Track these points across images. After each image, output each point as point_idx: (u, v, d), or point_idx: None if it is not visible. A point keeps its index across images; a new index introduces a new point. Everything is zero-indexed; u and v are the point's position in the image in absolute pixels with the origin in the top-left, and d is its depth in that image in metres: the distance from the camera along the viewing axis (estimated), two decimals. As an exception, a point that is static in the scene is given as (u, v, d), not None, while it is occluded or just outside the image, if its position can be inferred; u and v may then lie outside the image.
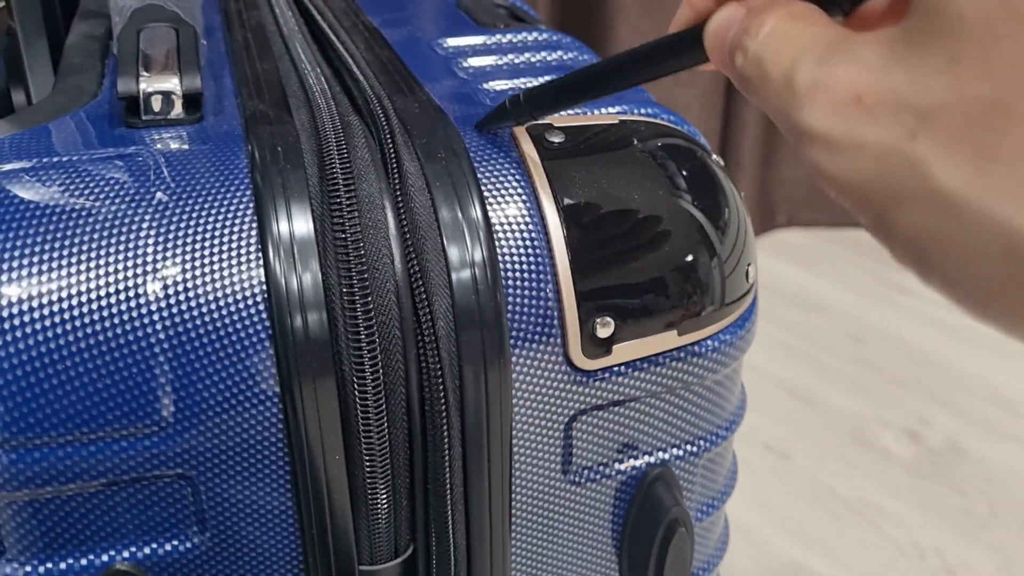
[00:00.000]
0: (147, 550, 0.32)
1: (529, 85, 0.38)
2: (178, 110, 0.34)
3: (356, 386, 0.30)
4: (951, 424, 1.10)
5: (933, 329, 1.28)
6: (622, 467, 0.36)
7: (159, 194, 0.31)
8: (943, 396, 1.14)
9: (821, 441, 1.07)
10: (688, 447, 0.37)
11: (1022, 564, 0.91)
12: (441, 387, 0.31)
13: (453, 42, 0.43)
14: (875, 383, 1.17)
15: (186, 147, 0.33)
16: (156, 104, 0.34)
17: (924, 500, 0.98)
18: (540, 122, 0.35)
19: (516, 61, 0.41)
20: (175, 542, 0.32)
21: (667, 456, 0.37)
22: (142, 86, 0.34)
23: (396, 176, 0.32)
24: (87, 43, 0.44)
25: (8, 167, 0.31)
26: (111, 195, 0.31)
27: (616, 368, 0.33)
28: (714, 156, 0.37)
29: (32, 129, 0.34)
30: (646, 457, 0.36)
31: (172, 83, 0.34)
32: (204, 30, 0.45)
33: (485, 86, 0.38)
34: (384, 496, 0.32)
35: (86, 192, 0.31)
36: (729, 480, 0.41)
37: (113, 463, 0.30)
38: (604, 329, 0.33)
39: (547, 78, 0.39)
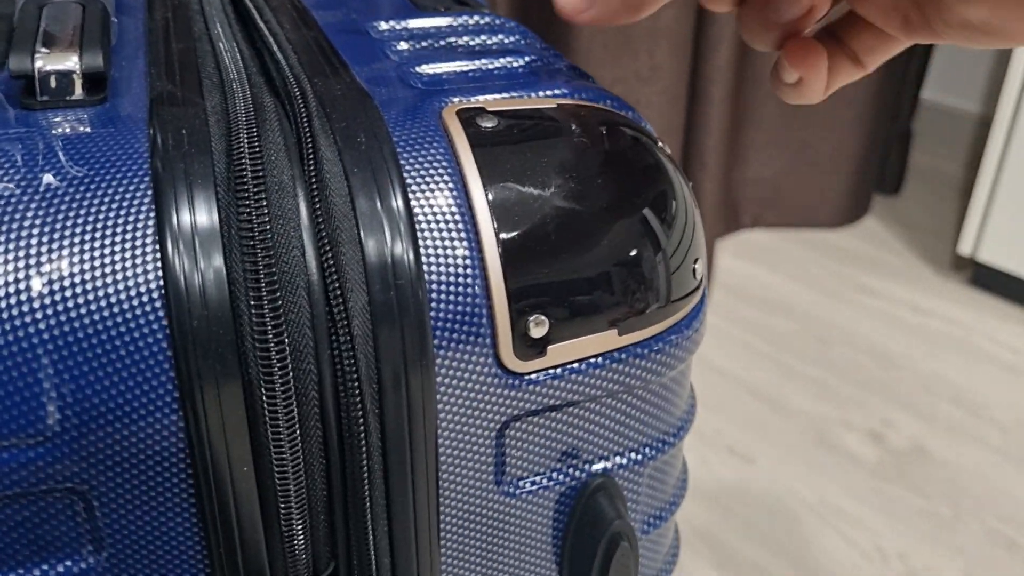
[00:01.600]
0: (37, 572, 0.29)
1: (464, 69, 0.36)
2: (78, 91, 0.32)
3: (264, 391, 0.28)
4: (914, 426, 1.09)
5: (897, 330, 1.27)
6: (560, 477, 0.34)
7: (47, 180, 0.28)
8: (906, 398, 1.14)
9: (785, 444, 1.05)
10: (632, 455, 0.35)
11: (985, 567, 0.90)
12: (357, 391, 0.28)
13: (388, 25, 0.41)
14: (839, 385, 1.16)
15: (84, 130, 0.30)
16: (53, 84, 0.31)
17: (888, 503, 0.97)
18: (472, 105, 0.32)
19: (453, 44, 0.39)
20: (68, 562, 0.29)
21: (609, 465, 0.34)
22: (37, 64, 0.31)
23: (312, 162, 0.29)
24: (-5, 23, 0.41)
25: None
26: (-6, 181, 0.28)
27: (551, 371, 0.31)
28: (660, 144, 0.35)
29: (-84, 111, 0.31)
30: (586, 466, 0.34)
31: (71, 61, 0.32)
32: (125, 9, 0.43)
33: (417, 69, 0.36)
34: (298, 510, 0.30)
35: (-35, 178, 0.28)
36: (678, 489, 0.39)
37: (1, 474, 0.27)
38: (538, 328, 0.30)
39: (483, 62, 0.36)
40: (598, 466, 0.34)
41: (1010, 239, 1.28)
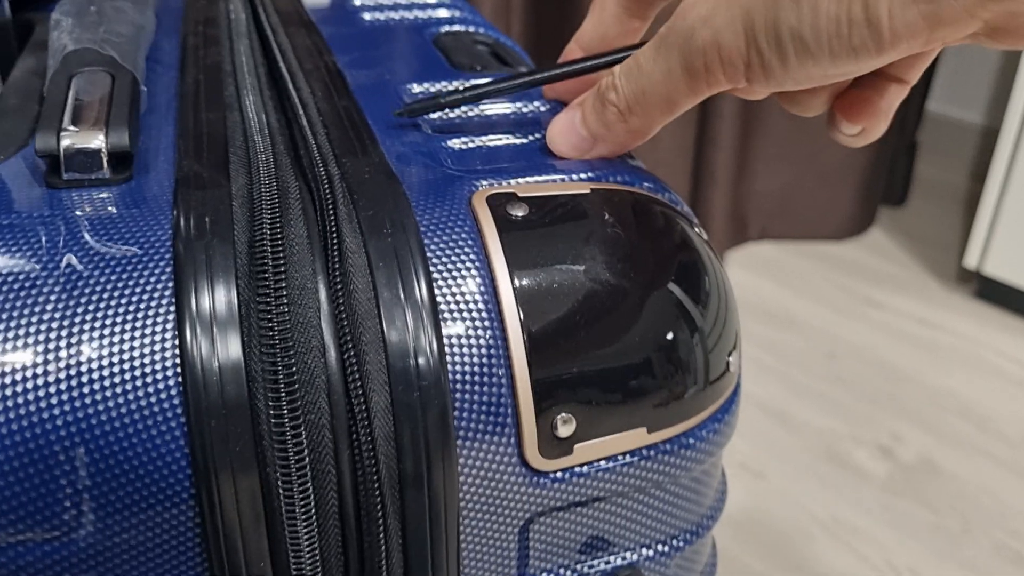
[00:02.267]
0: (50, 662, 0.29)
1: (497, 143, 0.35)
2: (104, 169, 0.31)
3: (282, 489, 0.27)
4: (923, 440, 1.08)
5: (904, 344, 1.26)
6: (585, 570, 0.33)
7: (70, 262, 0.28)
8: (914, 412, 1.13)
9: (795, 459, 1.05)
10: (659, 547, 0.34)
11: (995, 582, 0.89)
12: (378, 494, 0.27)
13: (422, 87, 0.40)
14: (846, 399, 1.15)
15: (109, 211, 0.30)
16: (78, 163, 0.31)
17: (898, 518, 0.96)
18: (503, 190, 0.31)
19: (487, 112, 0.38)
20: (82, 653, 0.29)
21: (636, 557, 0.33)
22: (63, 143, 0.31)
23: (336, 254, 0.28)
24: (29, 81, 0.41)
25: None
26: (15, 264, 0.27)
27: (578, 468, 0.30)
28: (697, 228, 0.34)
29: (-56, 186, 0.31)
30: (612, 559, 0.33)
31: (98, 140, 0.31)
32: (160, 67, 0.42)
33: (448, 144, 0.35)
34: (315, 607, 0.29)
35: (-13, 266, 0.27)
36: (706, 573, 0.38)
37: (8, 571, 0.27)
38: (565, 427, 0.29)
39: (517, 137, 0.36)
40: (624, 558, 0.33)
41: (1016, 252, 1.27)
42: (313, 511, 0.28)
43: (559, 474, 0.30)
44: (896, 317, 1.33)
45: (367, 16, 0.51)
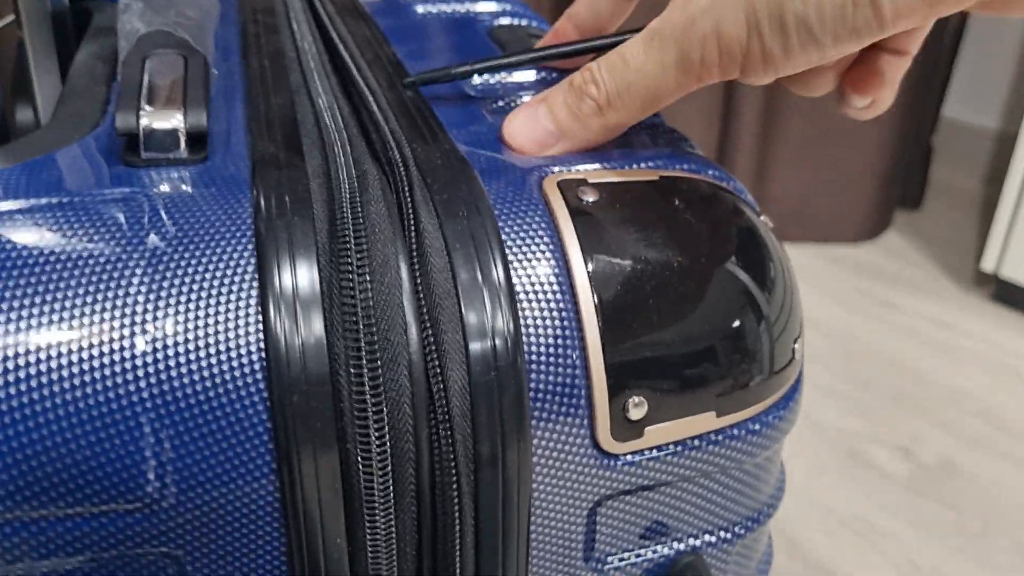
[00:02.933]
0: (126, 633, 0.29)
1: None
2: (181, 149, 0.32)
3: (361, 467, 0.27)
4: (943, 441, 1.09)
5: (922, 345, 1.27)
6: (649, 554, 0.33)
7: (153, 241, 0.28)
8: (934, 414, 1.14)
9: (817, 458, 1.06)
10: (722, 533, 0.34)
11: (1018, 581, 0.90)
12: (454, 471, 0.28)
13: (482, 79, 0.41)
14: (867, 400, 1.16)
15: (188, 190, 0.30)
16: (157, 142, 0.31)
17: (919, 518, 0.97)
18: (573, 176, 0.32)
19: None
20: (157, 625, 0.29)
21: (699, 543, 0.34)
22: (143, 122, 0.31)
23: (413, 235, 0.29)
24: (94, 64, 0.41)
25: (-8, 209, 0.29)
26: (100, 242, 0.28)
27: (647, 452, 0.30)
28: (762, 216, 0.34)
29: (24, 164, 0.32)
30: (676, 544, 0.33)
31: (176, 120, 0.32)
32: (221, 52, 0.43)
33: (514, 131, 0.35)
34: (387, 584, 0.29)
35: (73, 239, 0.28)
36: (764, 562, 0.38)
37: (92, 540, 0.28)
38: (637, 410, 0.30)
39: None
40: (687, 544, 0.33)
41: (1033, 256, 1.28)
42: (391, 489, 0.28)
43: (630, 457, 0.30)
44: (914, 319, 1.34)
45: (420, 9, 0.51)
